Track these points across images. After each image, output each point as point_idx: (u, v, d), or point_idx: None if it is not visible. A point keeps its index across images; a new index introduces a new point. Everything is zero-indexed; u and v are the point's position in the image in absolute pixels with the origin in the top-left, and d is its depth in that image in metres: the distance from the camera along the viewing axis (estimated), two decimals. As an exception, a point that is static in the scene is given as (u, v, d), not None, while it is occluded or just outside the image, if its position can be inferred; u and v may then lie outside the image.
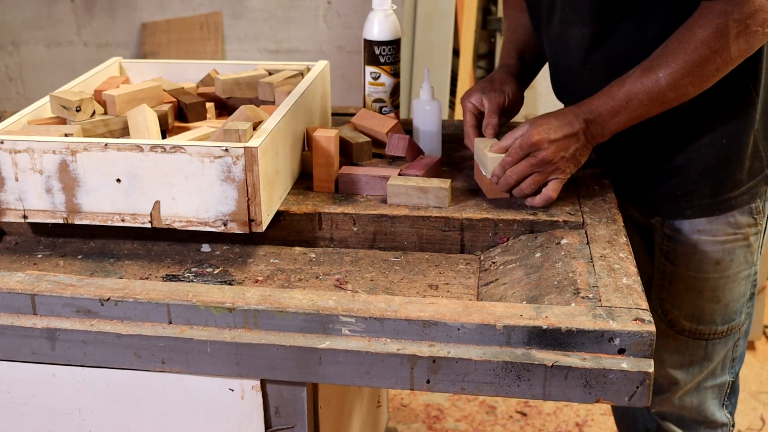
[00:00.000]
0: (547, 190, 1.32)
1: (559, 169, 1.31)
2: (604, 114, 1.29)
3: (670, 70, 1.24)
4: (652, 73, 1.26)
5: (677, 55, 1.24)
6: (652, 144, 1.40)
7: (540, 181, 1.31)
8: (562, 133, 1.29)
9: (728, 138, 1.37)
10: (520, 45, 1.59)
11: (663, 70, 1.25)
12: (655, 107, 1.28)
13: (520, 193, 1.33)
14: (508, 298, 1.15)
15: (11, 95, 3.75)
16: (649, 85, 1.26)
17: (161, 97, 1.45)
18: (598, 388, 0.99)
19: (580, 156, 1.32)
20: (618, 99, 1.28)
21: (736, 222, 1.42)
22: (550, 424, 2.39)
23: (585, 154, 1.32)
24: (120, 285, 1.10)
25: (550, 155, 1.29)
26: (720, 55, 1.22)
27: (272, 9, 3.47)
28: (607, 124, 1.30)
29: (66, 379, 1.11)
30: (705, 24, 1.22)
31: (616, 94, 1.29)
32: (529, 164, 1.30)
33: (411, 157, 1.50)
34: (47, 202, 1.28)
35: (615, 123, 1.30)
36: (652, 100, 1.27)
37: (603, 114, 1.29)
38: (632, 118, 1.29)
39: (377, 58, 1.56)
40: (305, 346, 1.02)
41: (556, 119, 1.31)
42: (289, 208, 1.34)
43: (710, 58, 1.22)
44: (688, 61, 1.23)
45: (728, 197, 1.40)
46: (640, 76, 1.27)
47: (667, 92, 1.26)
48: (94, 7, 3.56)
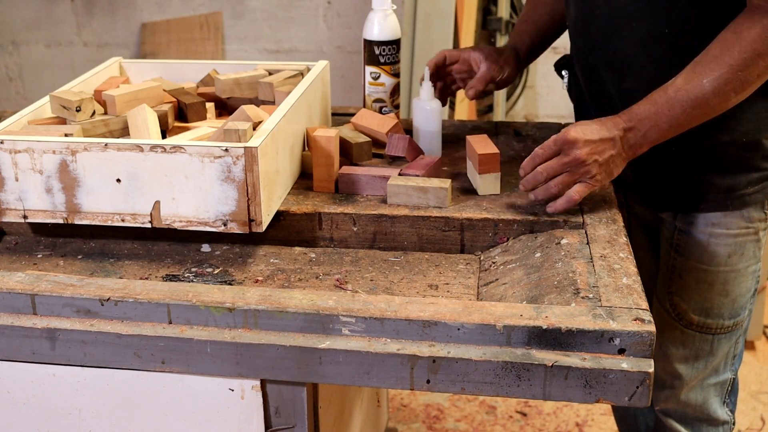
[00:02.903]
0: (572, 192, 1.28)
1: (589, 173, 1.27)
2: (645, 120, 1.27)
3: (715, 75, 1.23)
4: (696, 79, 1.24)
5: (722, 59, 1.22)
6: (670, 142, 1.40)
7: (569, 183, 1.28)
8: (599, 135, 1.27)
9: (747, 137, 1.38)
10: (535, 27, 1.60)
11: (707, 75, 1.23)
12: (698, 115, 1.26)
13: (546, 193, 1.29)
14: (508, 298, 1.15)
15: (11, 95, 3.75)
16: (693, 91, 1.24)
17: (161, 97, 1.45)
18: (598, 388, 0.99)
19: (614, 165, 1.28)
20: (660, 105, 1.26)
21: (749, 216, 1.44)
22: (550, 424, 2.39)
23: (619, 165, 1.29)
24: (120, 285, 1.10)
25: (583, 155, 1.26)
26: (763, 59, 1.22)
27: (272, 9, 3.47)
28: (647, 132, 1.27)
29: (66, 379, 1.11)
30: (750, 25, 1.21)
31: (657, 100, 1.26)
32: (560, 162, 1.27)
33: (411, 157, 1.50)
34: (47, 202, 1.28)
35: (656, 131, 1.27)
36: (695, 107, 1.25)
37: (644, 120, 1.27)
38: (673, 126, 1.27)
39: (377, 58, 1.56)
40: (305, 346, 1.02)
41: (596, 123, 1.29)
42: (289, 208, 1.34)
43: (754, 62, 1.22)
44: (732, 65, 1.22)
45: (743, 194, 1.42)
46: (684, 83, 1.25)
47: (711, 98, 1.24)
48: (94, 7, 3.56)
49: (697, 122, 1.28)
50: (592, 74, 1.48)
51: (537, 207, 1.33)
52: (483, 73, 1.53)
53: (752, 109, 1.36)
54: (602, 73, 1.44)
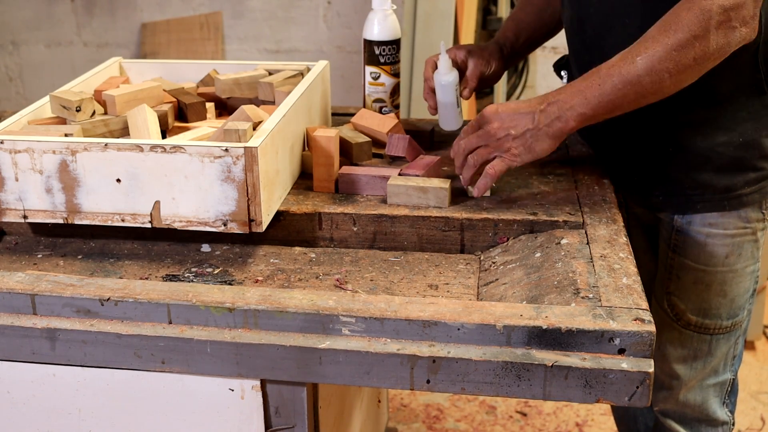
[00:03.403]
0: (488, 168, 1.29)
1: (503, 147, 1.27)
2: (574, 94, 1.25)
3: (649, 53, 1.21)
4: (629, 57, 1.23)
5: (656, 39, 1.22)
6: (667, 142, 1.40)
7: (484, 155, 1.29)
8: (514, 110, 1.27)
9: (744, 137, 1.38)
10: (523, 25, 1.60)
11: (642, 53, 1.22)
12: (630, 94, 1.23)
13: (468, 170, 1.32)
14: (508, 298, 1.15)
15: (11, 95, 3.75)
16: (626, 67, 1.23)
17: (161, 97, 1.45)
18: (598, 388, 0.99)
19: (533, 140, 1.26)
20: (590, 80, 1.25)
21: (747, 216, 1.44)
22: (550, 424, 2.39)
23: (541, 140, 1.27)
24: (120, 285, 1.10)
25: (493, 129, 1.27)
26: (699, 42, 1.20)
27: (272, 9, 3.47)
28: (573, 106, 1.24)
29: (66, 379, 1.11)
30: (689, 6, 1.20)
31: (589, 76, 1.26)
32: (476, 136, 1.30)
33: (411, 157, 1.50)
34: (47, 202, 1.28)
35: (583, 105, 1.24)
36: (626, 84, 1.22)
37: (572, 94, 1.25)
38: (603, 103, 1.24)
39: (377, 58, 1.56)
40: (305, 346, 1.02)
41: (520, 101, 1.30)
42: (289, 208, 1.34)
43: (689, 43, 1.20)
44: (667, 44, 1.20)
45: (740, 194, 1.41)
46: (618, 60, 1.24)
47: (642, 77, 1.22)
48: (94, 7, 3.56)
49: (629, 104, 1.25)
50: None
51: (537, 206, 1.33)
52: (472, 70, 1.53)
53: (749, 108, 1.36)
54: None
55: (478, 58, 1.54)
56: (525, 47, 1.63)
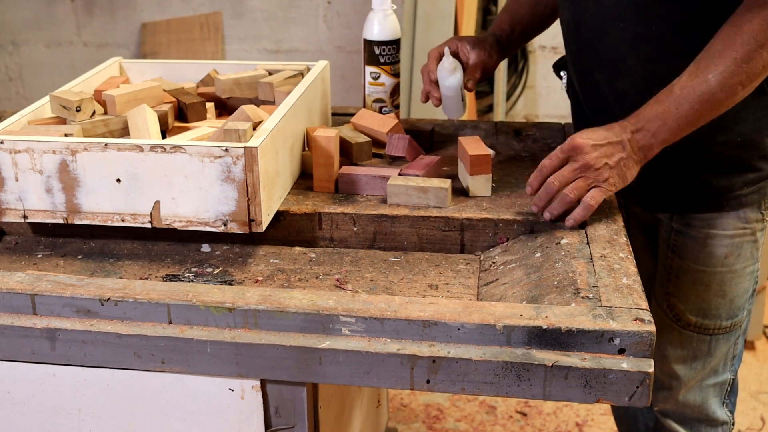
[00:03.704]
0: (587, 198, 1.25)
1: (602, 177, 1.25)
2: (653, 120, 1.25)
3: (720, 69, 1.22)
4: (701, 75, 1.23)
5: (725, 53, 1.22)
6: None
7: (584, 187, 1.25)
8: (606, 139, 1.25)
9: (743, 137, 1.38)
10: (518, 17, 1.61)
11: (712, 70, 1.22)
12: (706, 110, 1.25)
13: (562, 203, 1.26)
14: (508, 298, 1.15)
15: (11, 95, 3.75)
16: (700, 87, 1.23)
17: (161, 97, 1.45)
18: (598, 388, 0.99)
19: (626, 168, 1.26)
20: (667, 104, 1.25)
21: (746, 217, 1.44)
22: (550, 424, 2.39)
23: (632, 168, 1.27)
24: (120, 285, 1.10)
25: (592, 160, 1.24)
26: (766, 50, 1.21)
27: (272, 9, 3.47)
28: (656, 132, 1.26)
29: (66, 379, 1.11)
30: (750, 17, 1.21)
31: (664, 100, 1.25)
32: (571, 169, 1.25)
33: (411, 157, 1.50)
34: (47, 202, 1.28)
35: (665, 130, 1.25)
36: (703, 103, 1.24)
37: (652, 120, 1.26)
38: (683, 124, 1.25)
39: (377, 58, 1.56)
40: (305, 346, 1.02)
41: (602, 128, 1.27)
42: (289, 208, 1.34)
43: (757, 53, 1.21)
44: (736, 58, 1.21)
45: (739, 194, 1.42)
46: (688, 80, 1.24)
47: (717, 93, 1.23)
48: (94, 7, 3.56)
49: (706, 118, 1.27)
50: (586, 76, 1.48)
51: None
52: (475, 61, 1.54)
53: (748, 108, 1.36)
54: (595, 75, 1.45)
55: (480, 49, 1.55)
56: (520, 39, 1.64)
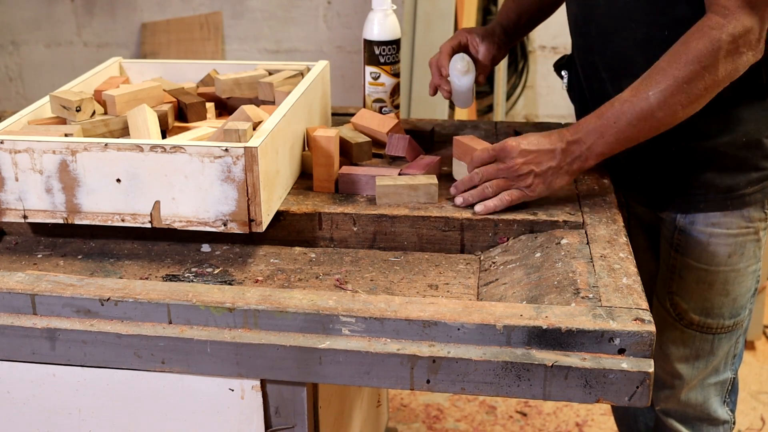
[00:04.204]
0: (505, 194, 1.30)
1: (524, 182, 1.29)
2: (591, 133, 1.27)
3: (661, 87, 1.23)
4: (642, 92, 1.25)
5: (667, 72, 1.23)
6: (671, 142, 1.41)
7: (503, 187, 1.30)
8: (537, 146, 1.29)
9: (747, 137, 1.38)
10: (525, 5, 1.61)
11: (653, 87, 1.24)
12: (645, 128, 1.26)
13: (480, 195, 1.31)
14: (508, 298, 1.15)
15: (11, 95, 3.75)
16: (639, 103, 1.24)
17: (161, 97, 1.45)
18: (598, 388, 0.99)
19: (553, 177, 1.29)
20: (606, 118, 1.27)
21: (749, 216, 1.44)
22: (550, 424, 2.39)
23: (560, 177, 1.30)
24: (120, 285, 1.10)
25: (518, 164, 1.28)
26: (709, 73, 1.22)
27: (272, 9, 3.47)
28: (592, 145, 1.28)
29: (66, 379, 1.11)
30: (699, 36, 1.22)
31: (604, 113, 1.27)
32: (496, 168, 1.31)
33: (411, 157, 1.50)
34: (47, 202, 1.28)
35: (602, 144, 1.27)
36: (641, 120, 1.25)
37: (590, 133, 1.27)
38: (620, 139, 1.27)
39: (377, 58, 1.56)
40: (305, 346, 1.02)
41: (539, 134, 1.31)
42: (289, 208, 1.34)
43: (699, 75, 1.22)
44: (678, 77, 1.22)
45: (743, 194, 1.42)
46: (630, 95, 1.26)
47: (656, 111, 1.24)
48: (94, 7, 3.56)
49: (645, 135, 1.28)
50: (593, 73, 1.48)
51: (537, 206, 1.33)
52: (485, 54, 1.56)
53: (751, 109, 1.37)
54: (602, 73, 1.45)
55: (489, 42, 1.56)
56: (525, 27, 1.64)
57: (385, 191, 1.35)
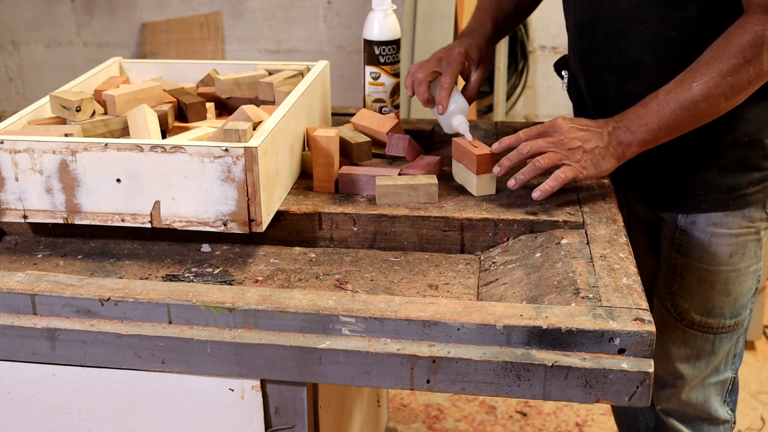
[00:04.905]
0: (558, 171, 1.28)
1: (574, 158, 1.28)
2: (635, 120, 1.29)
3: (704, 79, 1.25)
4: (686, 83, 1.26)
5: (712, 65, 1.25)
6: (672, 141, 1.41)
7: (555, 160, 1.28)
8: (586, 126, 1.30)
9: (749, 137, 1.38)
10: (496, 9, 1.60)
11: (697, 79, 1.25)
12: (687, 118, 1.28)
13: (532, 170, 1.29)
14: (508, 298, 1.15)
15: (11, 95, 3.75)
16: (683, 94, 1.26)
17: (161, 97, 1.45)
18: (598, 388, 0.99)
19: (600, 157, 1.29)
20: (650, 107, 1.28)
21: (751, 216, 1.44)
22: (550, 424, 2.39)
23: (607, 159, 1.30)
24: (120, 285, 1.10)
25: (567, 139, 1.28)
26: (753, 66, 1.24)
27: (272, 9, 3.47)
28: (636, 131, 1.29)
29: (66, 379, 1.11)
30: (742, 32, 1.24)
31: (648, 102, 1.29)
32: (546, 141, 1.29)
33: (411, 157, 1.50)
34: (47, 202, 1.28)
35: (645, 131, 1.29)
36: (684, 110, 1.26)
37: (633, 120, 1.29)
38: (663, 128, 1.28)
39: (377, 58, 1.56)
40: (305, 346, 1.02)
41: (585, 119, 1.31)
42: (289, 208, 1.34)
43: (743, 68, 1.24)
44: (722, 69, 1.24)
45: (744, 194, 1.42)
46: (674, 86, 1.27)
47: (699, 102, 1.26)
48: (94, 7, 3.56)
49: (688, 126, 1.29)
50: (594, 76, 1.48)
51: (537, 206, 1.33)
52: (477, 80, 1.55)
53: (754, 109, 1.37)
54: (605, 76, 1.45)
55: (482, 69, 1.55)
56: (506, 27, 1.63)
57: (385, 191, 1.35)
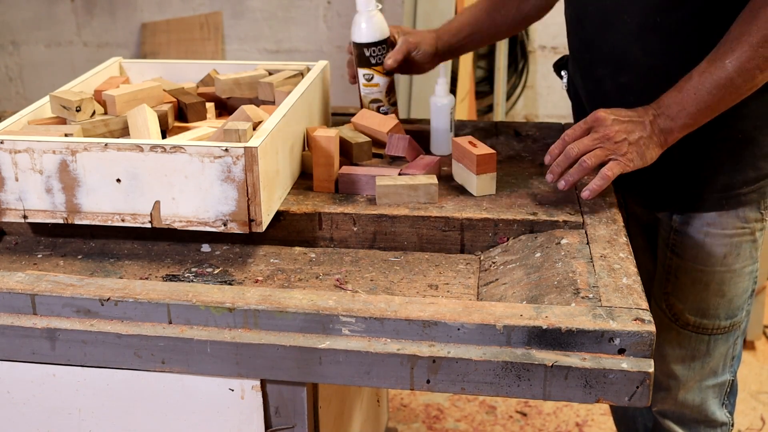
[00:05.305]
0: (605, 169, 1.27)
1: (621, 150, 1.28)
2: (673, 106, 1.28)
3: (736, 54, 1.24)
4: (719, 61, 1.25)
5: (741, 39, 1.24)
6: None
7: (601, 156, 1.28)
8: (627, 117, 1.29)
9: (744, 135, 1.38)
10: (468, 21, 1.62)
11: (729, 56, 1.24)
12: (726, 96, 1.27)
13: (580, 170, 1.28)
14: (508, 298, 1.15)
15: (11, 95, 3.75)
16: (717, 72, 1.25)
17: (161, 97, 1.45)
18: (598, 388, 0.99)
19: (645, 147, 1.28)
20: (686, 90, 1.27)
21: (745, 216, 1.44)
22: (550, 424, 2.39)
23: (651, 149, 1.29)
24: (120, 285, 1.10)
25: (612, 132, 1.27)
26: None
27: (272, 9, 3.47)
28: (676, 117, 1.28)
29: (66, 379, 1.11)
30: (765, 3, 1.22)
31: (683, 86, 1.28)
32: (592, 138, 1.28)
33: (411, 157, 1.50)
34: (47, 202, 1.28)
35: (685, 115, 1.28)
36: (721, 88, 1.26)
37: (671, 106, 1.28)
38: (702, 109, 1.28)
39: (368, 60, 1.56)
40: (305, 346, 1.02)
41: (626, 109, 1.31)
42: (289, 208, 1.34)
43: None
44: (752, 42, 1.23)
45: (738, 193, 1.42)
46: (707, 66, 1.26)
47: (735, 78, 1.25)
48: (94, 7, 3.56)
49: (726, 104, 1.28)
50: (589, 72, 1.48)
51: (537, 206, 1.33)
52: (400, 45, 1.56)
53: (748, 105, 1.36)
54: (598, 70, 1.45)
55: (410, 37, 1.56)
56: (465, 43, 1.64)
57: (385, 191, 1.35)
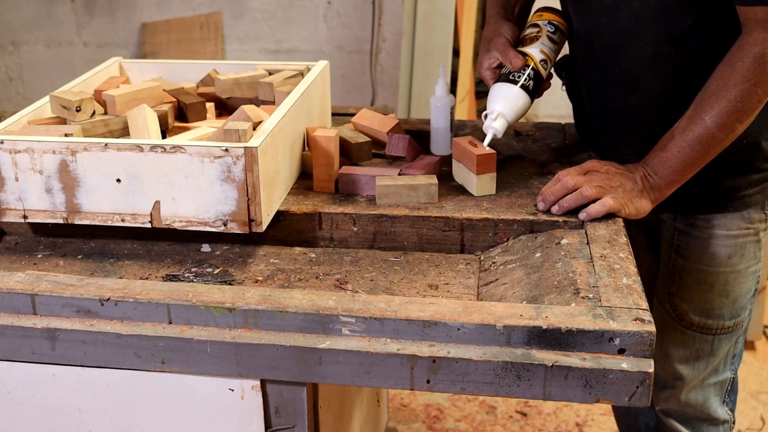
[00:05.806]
0: (607, 198, 1.28)
1: (616, 192, 1.29)
2: (659, 165, 1.31)
3: (715, 110, 1.26)
4: (698, 118, 1.27)
5: (719, 95, 1.25)
6: None
7: (601, 192, 1.29)
8: (620, 169, 1.32)
9: (748, 139, 1.38)
10: None
11: (708, 112, 1.26)
12: (710, 150, 1.29)
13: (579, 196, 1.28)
14: (508, 298, 1.15)
15: (11, 95, 3.75)
16: (697, 129, 1.27)
17: (161, 97, 1.45)
18: (598, 388, 0.99)
19: (637, 200, 1.30)
20: (668, 149, 1.30)
21: (749, 217, 1.44)
22: (550, 424, 2.39)
23: (643, 202, 1.31)
24: (120, 285, 1.10)
25: (608, 178, 1.30)
26: (760, 87, 1.24)
27: (272, 9, 3.47)
28: (663, 176, 1.31)
29: (66, 379, 1.11)
30: (742, 56, 1.24)
31: (666, 145, 1.31)
32: (589, 178, 1.30)
33: (411, 157, 1.50)
34: (47, 202, 1.28)
35: (671, 173, 1.31)
36: (703, 144, 1.28)
37: (657, 166, 1.31)
38: (687, 165, 1.30)
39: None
40: (305, 346, 1.02)
41: (616, 163, 1.34)
42: (289, 208, 1.34)
43: (752, 92, 1.24)
44: (730, 98, 1.25)
45: (743, 195, 1.42)
46: (687, 123, 1.28)
47: (716, 133, 1.27)
48: (94, 7, 3.56)
49: (710, 156, 1.31)
50: (595, 89, 1.47)
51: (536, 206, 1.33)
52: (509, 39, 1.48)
53: None
54: (605, 89, 1.44)
55: None
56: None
57: (385, 191, 1.35)
